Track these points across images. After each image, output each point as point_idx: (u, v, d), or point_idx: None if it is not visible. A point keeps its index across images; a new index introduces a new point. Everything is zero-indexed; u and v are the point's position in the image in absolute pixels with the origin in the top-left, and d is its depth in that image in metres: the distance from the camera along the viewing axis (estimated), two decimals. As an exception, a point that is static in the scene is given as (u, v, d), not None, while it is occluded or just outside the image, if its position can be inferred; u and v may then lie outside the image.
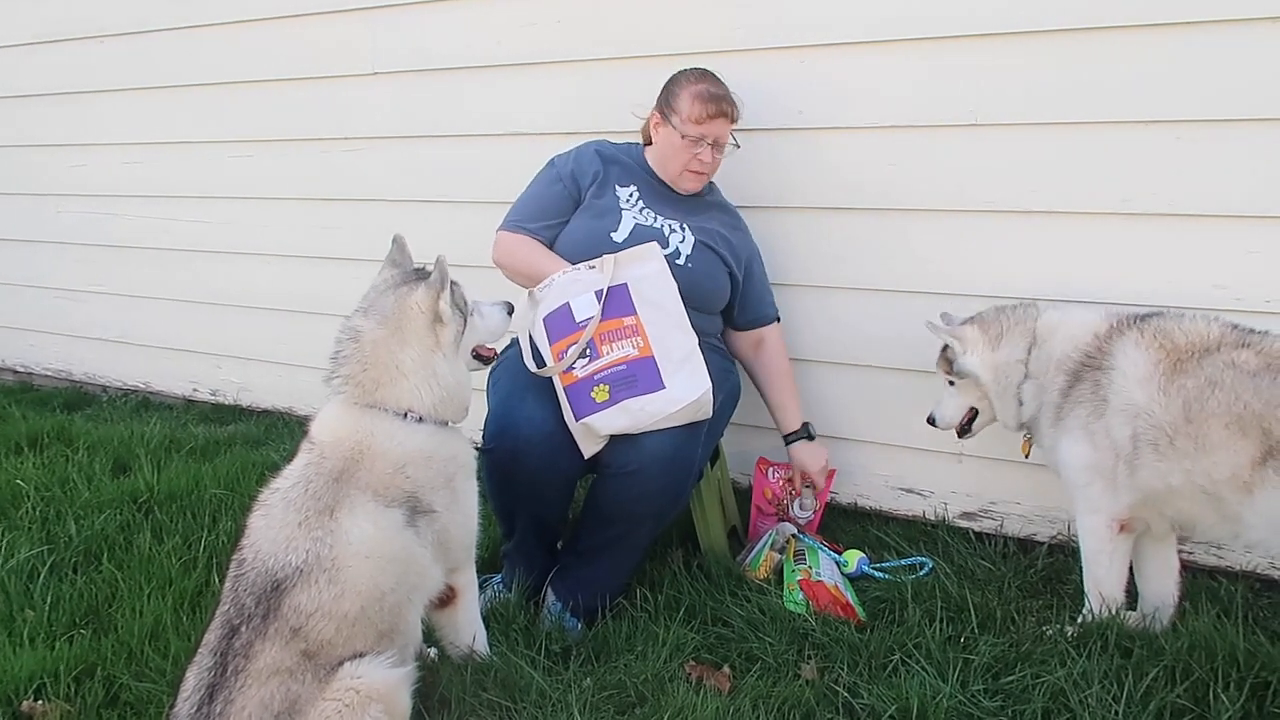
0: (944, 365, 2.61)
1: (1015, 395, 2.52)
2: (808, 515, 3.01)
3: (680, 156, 2.75)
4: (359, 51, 3.77)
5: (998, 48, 2.71)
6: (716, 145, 2.75)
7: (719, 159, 2.79)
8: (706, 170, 2.78)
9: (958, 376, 2.58)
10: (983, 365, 2.53)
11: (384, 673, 1.83)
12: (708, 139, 2.72)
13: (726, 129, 2.75)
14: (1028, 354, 2.48)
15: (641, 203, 2.77)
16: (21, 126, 4.84)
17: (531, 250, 2.71)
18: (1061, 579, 2.69)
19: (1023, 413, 2.53)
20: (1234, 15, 2.44)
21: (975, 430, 2.68)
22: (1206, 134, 2.51)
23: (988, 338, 2.53)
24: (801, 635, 2.40)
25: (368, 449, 1.99)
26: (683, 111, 2.72)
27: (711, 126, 2.71)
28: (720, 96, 2.72)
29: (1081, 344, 2.37)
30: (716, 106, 2.70)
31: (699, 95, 2.71)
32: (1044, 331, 2.47)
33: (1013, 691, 2.14)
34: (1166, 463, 2.21)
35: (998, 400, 2.55)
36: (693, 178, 2.79)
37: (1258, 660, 2.13)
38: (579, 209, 2.78)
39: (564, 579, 2.59)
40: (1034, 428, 2.54)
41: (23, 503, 3.24)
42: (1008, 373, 2.50)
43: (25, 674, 2.25)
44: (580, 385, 2.45)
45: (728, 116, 2.73)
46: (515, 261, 2.72)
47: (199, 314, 4.45)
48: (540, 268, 2.64)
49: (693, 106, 2.71)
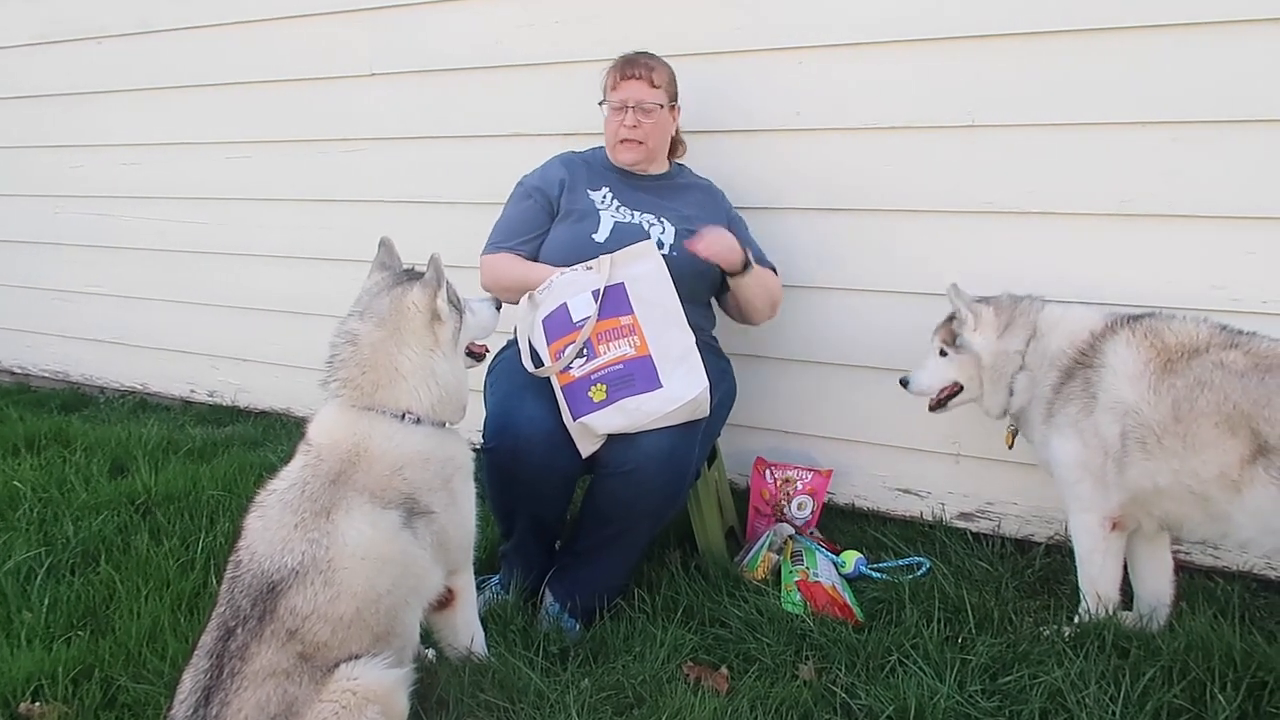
0: (946, 334, 2.60)
1: (1007, 384, 2.53)
2: (805, 516, 3.01)
3: (610, 128, 2.83)
4: (358, 52, 3.78)
5: (995, 49, 2.72)
6: (641, 109, 2.77)
7: (648, 124, 2.79)
8: (637, 136, 2.79)
9: (956, 350, 2.57)
10: (986, 347, 2.53)
11: (381, 674, 1.83)
12: (629, 103, 2.76)
13: (644, 90, 2.78)
14: (1026, 346, 2.49)
15: (617, 201, 2.79)
16: (20, 127, 4.84)
17: (514, 264, 2.72)
18: (1059, 579, 2.69)
19: (1011, 403, 2.54)
20: (1231, 17, 2.45)
21: (950, 407, 2.66)
22: (1204, 135, 2.52)
23: (998, 322, 2.53)
24: (799, 636, 2.41)
25: (365, 451, 1.99)
26: (605, 88, 2.84)
27: (626, 88, 2.78)
28: (631, 60, 2.80)
29: (1077, 341, 2.39)
30: (628, 69, 2.79)
31: (613, 66, 2.84)
32: (1044, 326, 2.48)
33: (1010, 692, 2.15)
34: (1154, 462, 2.22)
35: (990, 385, 2.56)
36: (626, 147, 2.81)
37: (1254, 660, 2.14)
38: (557, 218, 2.79)
39: (562, 580, 2.59)
40: (1023, 421, 2.55)
41: (20, 504, 3.23)
42: (1005, 361, 2.51)
43: (23, 675, 2.25)
44: (577, 385, 2.45)
45: (640, 78, 2.78)
46: (502, 278, 2.72)
47: (197, 315, 4.45)
48: (528, 278, 2.65)
49: (609, 77, 2.83)
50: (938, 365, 2.63)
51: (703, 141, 3.11)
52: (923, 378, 2.65)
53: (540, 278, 2.60)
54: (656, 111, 2.79)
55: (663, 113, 2.81)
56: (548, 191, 2.82)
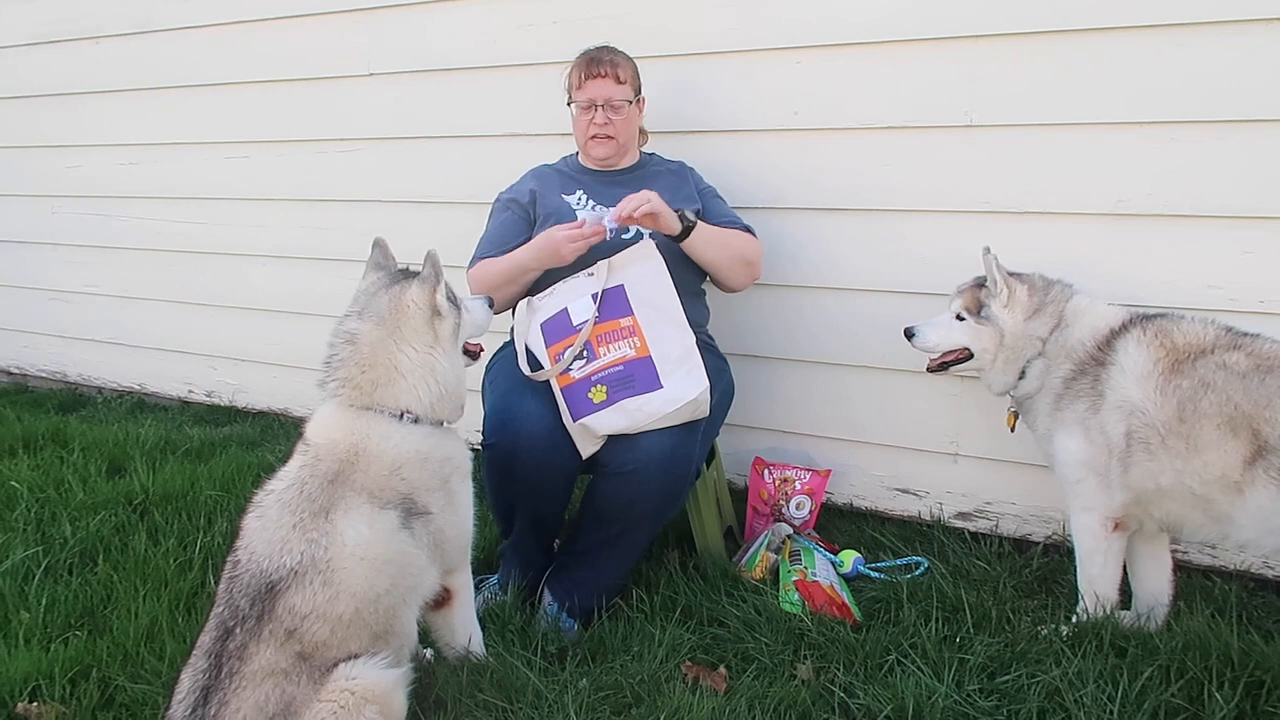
0: (971, 300, 2.52)
1: (1020, 367, 2.49)
2: (803, 515, 3.01)
3: (579, 127, 2.84)
4: (356, 52, 3.78)
5: (992, 49, 2.72)
6: (610, 106, 2.77)
7: (618, 120, 2.79)
8: (607, 132, 2.79)
9: (978, 319, 2.51)
10: (1012, 326, 2.47)
11: (379, 674, 1.83)
12: (597, 101, 2.76)
13: (611, 88, 2.77)
14: (1049, 334, 2.45)
15: (592, 202, 2.80)
16: (17, 127, 4.84)
17: (496, 262, 2.70)
18: (1056, 579, 2.69)
19: (1020, 386, 2.50)
20: (1228, 17, 2.45)
21: (950, 371, 2.61)
22: (1201, 135, 2.52)
23: (1030, 303, 2.47)
24: (797, 635, 2.41)
25: (363, 450, 1.99)
26: (570, 88, 2.83)
27: (592, 87, 2.77)
28: (595, 59, 2.79)
29: (1097, 337, 2.37)
30: (593, 68, 2.78)
31: (576, 65, 2.83)
32: (1071, 316, 2.44)
33: (1008, 691, 2.15)
34: (1157, 462, 2.22)
35: (1003, 363, 2.50)
36: (598, 143, 2.81)
37: (1252, 659, 2.14)
38: (536, 224, 2.79)
39: (560, 579, 2.58)
40: (1027, 407, 2.52)
41: (18, 504, 3.23)
42: (1026, 344, 2.47)
43: (20, 676, 2.25)
44: (577, 386, 2.46)
45: (606, 76, 2.77)
46: (489, 279, 2.68)
47: (195, 315, 4.45)
48: (514, 261, 2.63)
49: (573, 77, 2.82)
50: (952, 327, 2.56)
51: (699, 141, 3.12)
52: (931, 334, 2.58)
53: (522, 257, 2.60)
54: (625, 107, 2.80)
55: (630, 108, 2.82)
56: (521, 201, 2.83)
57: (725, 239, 2.73)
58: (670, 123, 3.09)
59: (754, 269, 2.80)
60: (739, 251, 2.75)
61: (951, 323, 2.56)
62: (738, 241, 2.76)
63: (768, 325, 3.14)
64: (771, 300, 3.10)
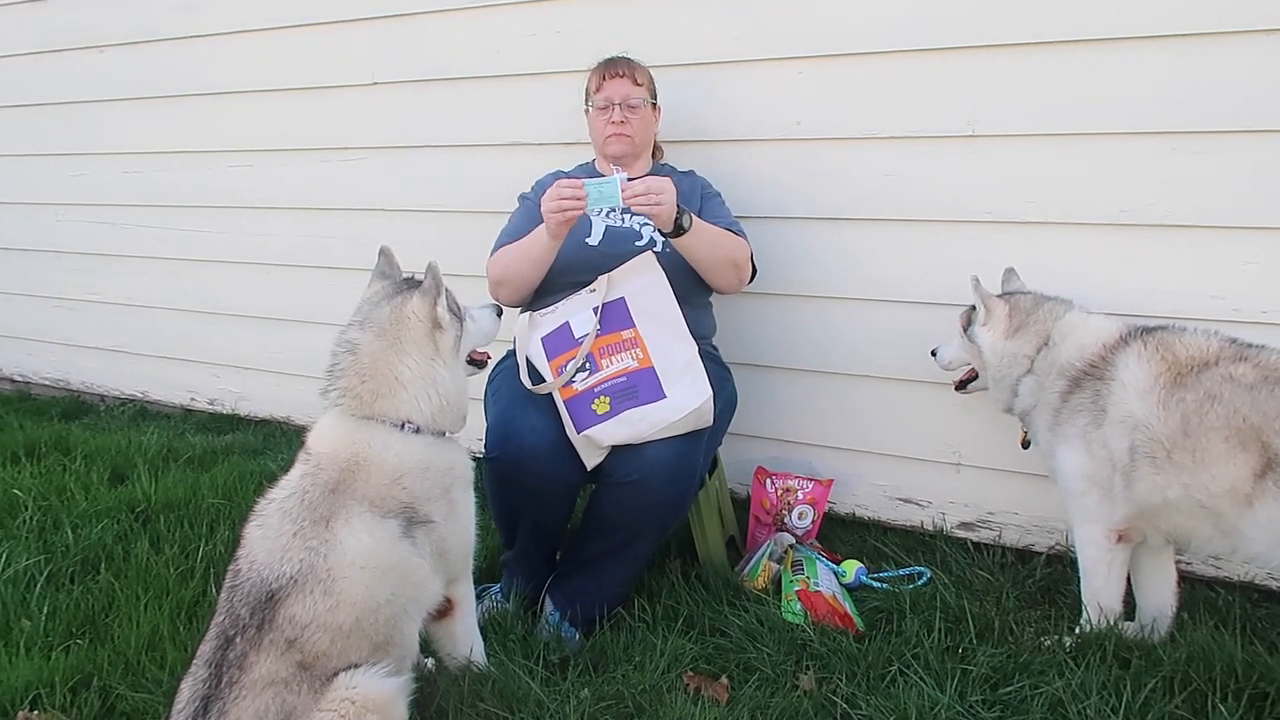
0: (963, 319, 2.63)
1: (1012, 386, 2.52)
2: (805, 525, 3.00)
3: (596, 127, 2.88)
4: (359, 61, 3.78)
5: (995, 59, 2.72)
6: (627, 106, 2.82)
7: (635, 119, 2.83)
8: (625, 131, 2.82)
9: (965, 338, 2.61)
10: (991, 346, 2.53)
11: (380, 683, 1.82)
12: (614, 100, 2.81)
13: (628, 88, 2.83)
14: (1036, 353, 2.47)
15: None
16: (21, 136, 4.85)
17: (511, 247, 2.72)
18: (1060, 589, 2.68)
19: (1016, 403, 2.54)
20: (1231, 28, 2.45)
21: (970, 390, 2.72)
22: (1204, 145, 2.52)
23: (1010, 323, 2.51)
24: (799, 645, 2.40)
25: (364, 460, 1.99)
26: (589, 92, 2.90)
27: (610, 87, 2.83)
28: (612, 61, 2.87)
29: (1088, 353, 2.37)
30: (610, 69, 2.85)
31: (594, 70, 2.91)
32: (1059, 334, 2.45)
33: (1011, 702, 2.14)
34: (1163, 476, 2.20)
35: (992, 383, 2.57)
36: (615, 140, 2.84)
37: (1256, 671, 2.13)
38: None
39: (562, 588, 2.58)
40: (1028, 423, 2.54)
41: (20, 512, 3.23)
42: (1011, 363, 2.50)
43: (21, 684, 2.25)
44: (580, 398, 2.46)
45: (624, 76, 2.84)
46: (508, 262, 2.69)
47: (197, 323, 4.45)
48: (527, 245, 2.64)
49: (592, 80, 2.90)
50: (959, 345, 2.66)
51: (703, 151, 3.12)
52: (944, 353, 2.71)
53: (535, 239, 2.60)
54: (641, 107, 2.84)
55: (646, 109, 2.86)
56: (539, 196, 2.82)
57: (716, 239, 2.72)
58: (672, 132, 3.09)
59: (741, 271, 2.78)
60: (728, 253, 2.74)
61: (960, 340, 2.65)
62: (728, 243, 2.75)
63: (770, 335, 3.14)
64: (773, 310, 3.10)
